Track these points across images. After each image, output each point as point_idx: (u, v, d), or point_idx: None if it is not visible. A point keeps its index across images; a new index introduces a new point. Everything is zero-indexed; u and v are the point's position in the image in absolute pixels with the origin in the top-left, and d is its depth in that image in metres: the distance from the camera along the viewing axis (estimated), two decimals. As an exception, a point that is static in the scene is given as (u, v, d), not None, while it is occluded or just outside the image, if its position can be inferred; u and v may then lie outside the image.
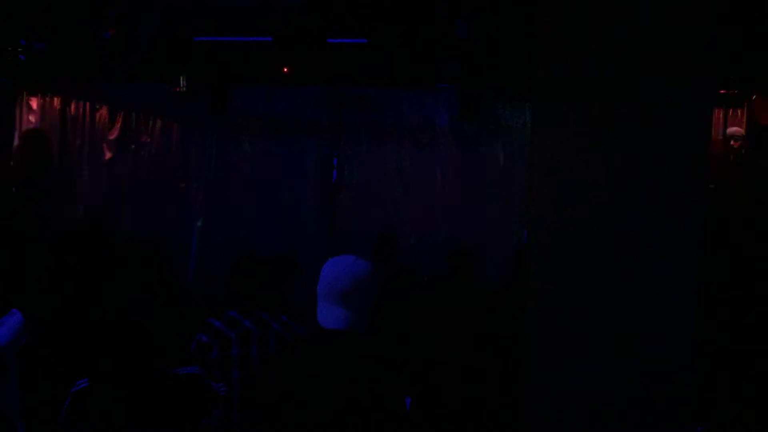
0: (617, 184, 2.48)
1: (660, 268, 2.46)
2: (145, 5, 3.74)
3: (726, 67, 5.66)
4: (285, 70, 6.55)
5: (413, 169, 7.04)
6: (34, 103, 7.25)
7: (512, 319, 2.80)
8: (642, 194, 2.48)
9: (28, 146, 6.11)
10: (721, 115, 6.73)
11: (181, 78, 6.65)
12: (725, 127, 6.62)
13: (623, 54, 2.47)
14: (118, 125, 7.39)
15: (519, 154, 6.87)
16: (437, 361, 3.06)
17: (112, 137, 7.40)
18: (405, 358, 2.41)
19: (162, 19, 3.90)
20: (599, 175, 2.50)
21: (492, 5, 5.49)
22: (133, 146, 7.37)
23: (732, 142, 6.28)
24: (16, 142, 6.52)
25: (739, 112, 6.84)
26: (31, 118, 7.28)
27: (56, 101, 7.29)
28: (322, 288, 2.39)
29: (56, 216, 5.62)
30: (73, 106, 7.38)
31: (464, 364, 3.15)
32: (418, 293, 5.27)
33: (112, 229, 6.10)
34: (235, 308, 3.60)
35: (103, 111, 7.40)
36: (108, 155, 7.37)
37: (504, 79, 6.26)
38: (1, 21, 3.33)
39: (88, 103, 7.33)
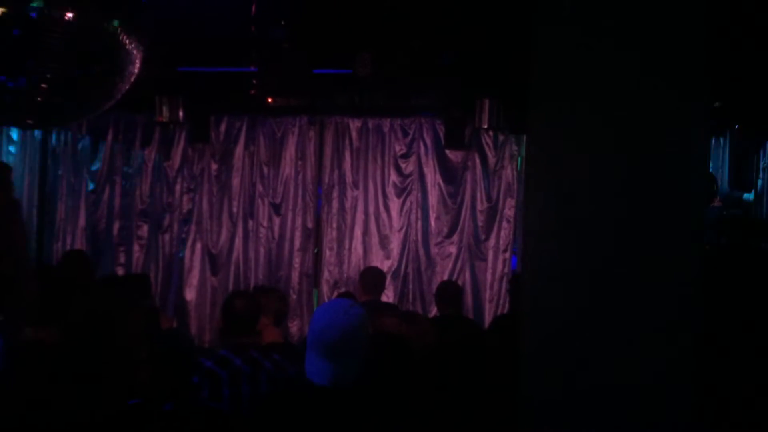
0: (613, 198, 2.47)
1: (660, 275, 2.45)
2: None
3: (709, 96, 5.69)
4: (269, 100, 6.52)
5: (398, 198, 7.00)
6: (14, 134, 7.17)
7: (507, 354, 2.75)
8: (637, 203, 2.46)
9: None
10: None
11: (164, 108, 6.61)
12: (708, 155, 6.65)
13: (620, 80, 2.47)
14: (100, 156, 7.31)
15: (505, 182, 6.85)
16: (431, 405, 3.00)
17: (94, 168, 7.32)
18: (396, 406, 2.33)
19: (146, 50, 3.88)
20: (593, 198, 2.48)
21: (477, 36, 5.52)
22: (115, 177, 7.28)
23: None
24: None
25: (722, 140, 6.88)
26: (12, 148, 7.20)
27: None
28: (310, 338, 2.31)
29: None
30: (54, 137, 7.31)
31: (460, 405, 3.08)
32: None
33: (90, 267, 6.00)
34: (227, 347, 3.53)
35: (86, 141, 7.33)
36: (90, 186, 7.29)
37: (490, 108, 6.26)
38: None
39: (69, 133, 7.26)
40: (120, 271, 7.16)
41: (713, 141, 6.80)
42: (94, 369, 3.07)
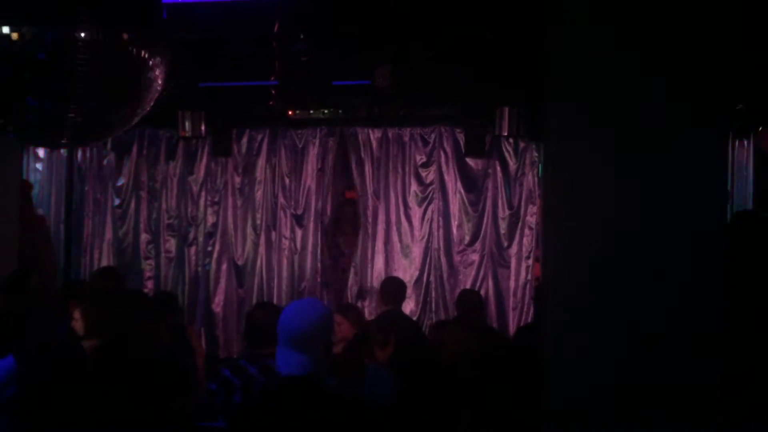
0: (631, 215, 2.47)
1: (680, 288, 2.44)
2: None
3: (732, 98, 5.64)
4: (290, 112, 6.58)
5: (419, 207, 7.03)
6: (40, 151, 7.29)
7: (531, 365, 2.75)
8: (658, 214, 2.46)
9: None
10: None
11: (187, 123, 6.69)
12: (732, 158, 6.61)
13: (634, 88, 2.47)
14: (125, 171, 7.42)
15: (526, 189, 6.85)
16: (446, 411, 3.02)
17: (119, 183, 7.43)
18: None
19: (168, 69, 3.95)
20: (612, 207, 2.49)
21: (496, 45, 5.53)
22: (140, 192, 7.39)
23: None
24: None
25: (745, 142, 6.83)
26: (38, 165, 7.33)
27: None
28: (281, 334, 2.44)
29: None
30: (80, 154, 7.43)
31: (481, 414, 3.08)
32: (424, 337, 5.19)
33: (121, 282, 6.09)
34: (245, 356, 3.59)
35: (111, 157, 7.45)
36: (116, 201, 7.40)
37: (510, 116, 6.27)
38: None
39: (95, 150, 7.38)
40: (149, 285, 7.25)
41: (736, 143, 6.76)
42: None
